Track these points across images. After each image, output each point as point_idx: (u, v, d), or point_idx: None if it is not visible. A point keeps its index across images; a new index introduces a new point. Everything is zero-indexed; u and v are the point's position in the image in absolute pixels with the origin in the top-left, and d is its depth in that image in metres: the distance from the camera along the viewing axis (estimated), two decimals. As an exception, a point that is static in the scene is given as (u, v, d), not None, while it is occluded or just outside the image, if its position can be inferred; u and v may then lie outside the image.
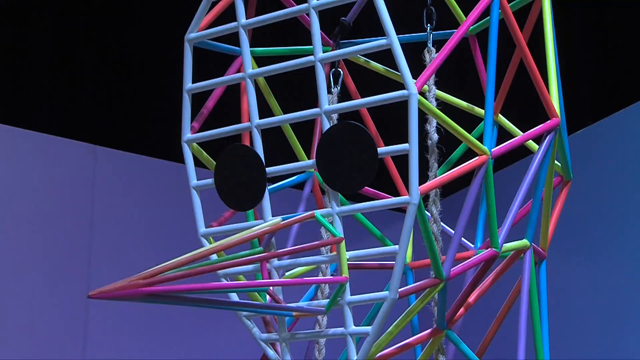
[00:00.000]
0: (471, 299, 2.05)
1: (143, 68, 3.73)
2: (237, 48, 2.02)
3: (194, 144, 1.98)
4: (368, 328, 1.82)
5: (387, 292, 1.81)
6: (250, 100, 1.90)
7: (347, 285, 1.82)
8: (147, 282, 1.48)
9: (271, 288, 1.80)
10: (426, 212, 1.91)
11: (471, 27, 2.25)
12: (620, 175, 3.55)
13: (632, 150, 3.55)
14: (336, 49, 2.24)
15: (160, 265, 1.56)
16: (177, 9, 3.24)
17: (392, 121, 2.22)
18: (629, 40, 3.82)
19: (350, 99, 2.11)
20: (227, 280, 1.90)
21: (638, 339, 3.10)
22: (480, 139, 2.01)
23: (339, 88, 2.24)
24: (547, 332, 2.16)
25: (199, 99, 1.98)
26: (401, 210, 1.84)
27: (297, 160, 2.21)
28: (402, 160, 1.86)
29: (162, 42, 3.61)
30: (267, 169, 1.88)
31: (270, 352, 1.91)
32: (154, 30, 3.69)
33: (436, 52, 2.14)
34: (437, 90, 2.17)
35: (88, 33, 3.65)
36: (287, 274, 2.14)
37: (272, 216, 1.88)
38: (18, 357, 2.81)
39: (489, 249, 1.98)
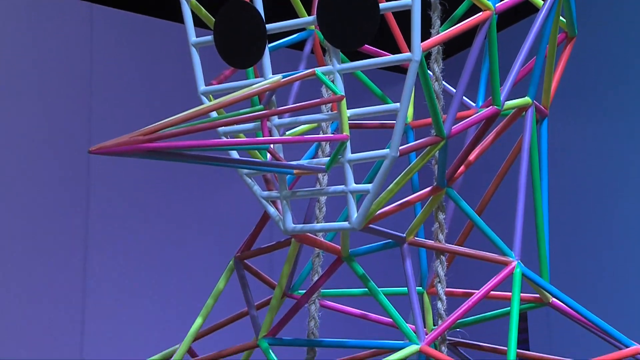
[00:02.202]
0: (472, 156, 2.05)
1: None
2: None
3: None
4: (368, 186, 1.83)
5: (387, 149, 1.81)
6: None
7: (348, 143, 1.82)
8: (147, 139, 1.47)
9: (272, 146, 1.80)
10: (428, 70, 1.90)
11: None
12: (625, 32, 3.51)
13: (638, 7, 3.50)
14: None
15: (160, 122, 1.55)
16: None
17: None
18: None
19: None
20: (228, 138, 1.90)
21: (636, 198, 3.12)
22: (483, -6, 1.97)
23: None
24: (547, 190, 2.17)
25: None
26: (403, 71, 1.82)
27: (298, 17, 2.17)
28: (404, 18, 1.84)
29: None
30: (267, 26, 1.86)
31: (271, 209, 1.92)
32: None
33: None
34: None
35: None
36: (287, 133, 2.14)
37: (273, 74, 1.86)
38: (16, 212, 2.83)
39: (491, 107, 1.98)
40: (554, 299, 2.15)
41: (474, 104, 2.16)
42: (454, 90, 1.98)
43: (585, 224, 3.11)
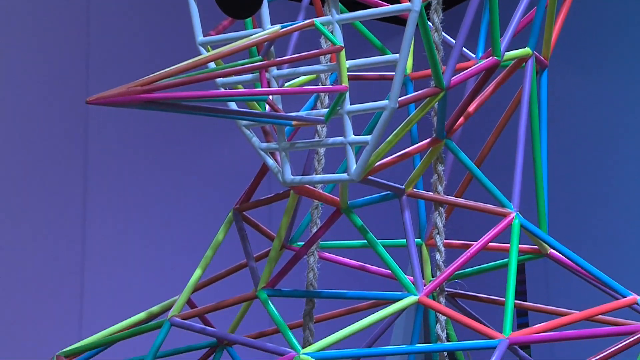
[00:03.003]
0: (471, 108, 2.05)
1: None
2: None
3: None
4: (367, 137, 1.82)
5: (386, 101, 1.80)
6: None
7: (347, 94, 1.81)
8: (145, 89, 1.47)
9: (270, 97, 1.80)
10: (427, 21, 1.88)
11: None
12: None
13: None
14: None
15: (158, 73, 1.54)
16: None
17: None
18: None
19: None
20: (226, 90, 1.89)
21: (635, 150, 3.11)
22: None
23: None
24: (546, 141, 2.17)
25: None
26: (402, 22, 1.80)
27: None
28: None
29: None
30: (266, -24, 1.84)
31: (270, 161, 1.92)
32: None
33: None
34: None
35: None
36: (286, 84, 2.13)
37: (271, 25, 1.85)
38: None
39: (491, 58, 1.97)
40: (552, 250, 2.16)
41: (473, 55, 2.15)
42: (454, 42, 1.97)
43: (584, 175, 3.11)
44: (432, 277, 2.29)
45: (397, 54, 1.79)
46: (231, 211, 2.19)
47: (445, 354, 2.01)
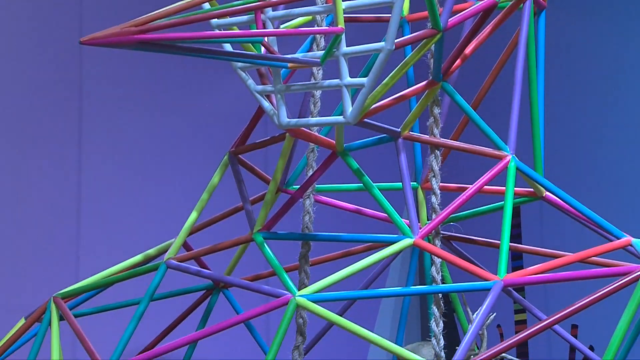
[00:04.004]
0: (468, 50, 2.04)
1: None
2: None
3: None
4: (363, 79, 1.82)
5: (383, 42, 1.79)
6: None
7: (343, 36, 1.80)
8: (139, 30, 1.45)
9: (266, 39, 1.78)
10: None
11: None
12: None
13: None
14: None
15: (152, 13, 1.53)
16: None
17: None
18: None
19: None
20: (221, 31, 1.87)
21: (633, 93, 3.11)
22: None
23: None
24: (543, 84, 2.16)
25: None
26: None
27: None
28: None
29: None
30: None
31: (266, 103, 1.91)
32: None
33: None
34: None
35: None
36: (282, 26, 2.11)
37: (266, -35, 1.83)
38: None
39: (488, -2, 1.95)
40: (548, 193, 2.16)
41: (470, -4, 2.14)
42: (451, -18, 1.96)
43: (580, 118, 3.11)
44: (428, 220, 2.30)
45: (394, -4, 1.77)
46: (227, 154, 2.19)
47: (440, 295, 2.02)
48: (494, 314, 2.01)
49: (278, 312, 1.96)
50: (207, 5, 1.78)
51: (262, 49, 1.84)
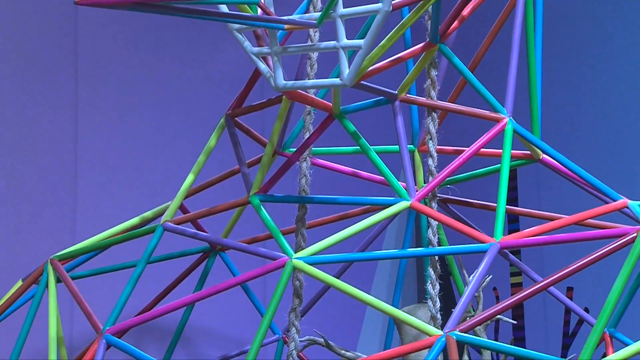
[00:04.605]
0: (465, 11, 2.03)
1: None
2: None
3: None
4: (360, 41, 1.81)
5: (380, 4, 1.78)
6: None
7: (340, -4, 1.79)
8: (134, -10, 1.44)
9: (262, 0, 1.77)
10: None
11: None
12: None
13: None
14: None
15: (147, -26, 1.52)
16: None
17: None
18: None
19: None
20: (217, -7, 1.86)
21: (632, 55, 3.09)
22: None
23: None
24: (541, 46, 2.16)
25: None
26: None
27: None
28: None
29: None
30: None
31: (262, 66, 1.90)
32: None
33: None
34: None
35: None
36: (278, -12, 2.10)
37: None
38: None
39: (486, -41, 1.94)
40: (545, 156, 2.16)
41: (468, -42, 2.12)
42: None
43: (578, 81, 3.09)
44: (425, 182, 2.30)
45: (391, -44, 1.76)
46: (223, 117, 2.18)
47: (437, 258, 2.02)
48: (490, 277, 2.02)
49: (275, 275, 1.97)
50: (203, -34, 1.77)
51: (259, 10, 1.83)
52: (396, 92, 2.06)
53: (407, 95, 2.08)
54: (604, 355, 1.85)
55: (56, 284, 2.21)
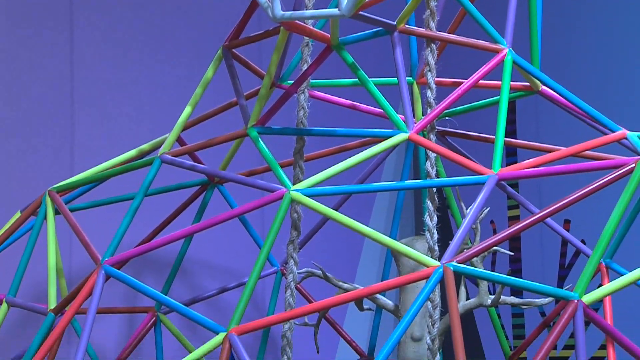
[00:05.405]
0: (465, -59, 2.00)
1: None
2: None
3: None
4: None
5: None
6: None
7: None
8: None
9: None
10: None
11: None
12: None
13: None
14: None
15: None
16: None
17: None
18: None
19: None
20: None
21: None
22: None
23: None
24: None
25: None
26: None
27: None
28: None
29: None
30: None
31: (260, -4, 1.88)
32: None
33: None
34: None
35: None
36: None
37: None
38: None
39: None
40: (544, 87, 2.15)
41: None
42: None
43: (579, 11, 3.07)
44: (423, 114, 2.29)
45: None
46: (220, 48, 2.16)
47: (435, 190, 2.02)
48: (488, 208, 2.02)
49: (273, 207, 1.97)
50: None
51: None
52: (395, 23, 2.04)
53: (406, 26, 2.06)
54: (600, 286, 1.85)
55: (54, 216, 2.21)
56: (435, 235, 1.98)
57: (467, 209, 1.95)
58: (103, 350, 2.75)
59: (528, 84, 2.19)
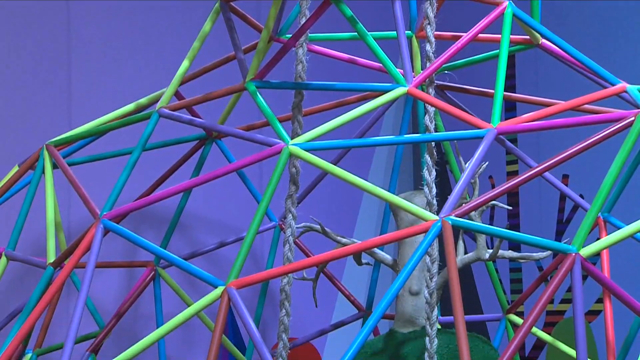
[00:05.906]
0: None
1: None
2: None
3: None
4: None
5: None
6: None
7: None
8: None
9: None
10: None
11: None
12: None
13: None
14: None
15: None
16: None
17: None
18: None
19: None
20: None
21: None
22: None
23: None
24: None
25: None
26: None
27: None
28: None
29: None
30: None
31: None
32: None
33: None
34: None
35: None
36: None
37: None
38: None
39: None
40: (544, 40, 2.13)
41: None
42: None
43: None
44: (422, 69, 2.28)
45: None
46: (218, 1, 2.15)
47: (433, 144, 2.02)
48: (487, 163, 2.02)
49: (271, 162, 1.96)
50: None
51: None
52: (394, -25, 2.02)
53: (405, -21, 2.04)
54: (598, 239, 1.85)
55: (53, 170, 2.21)
56: (434, 190, 1.98)
57: (465, 164, 1.95)
58: (102, 304, 2.76)
59: (528, 37, 2.18)
